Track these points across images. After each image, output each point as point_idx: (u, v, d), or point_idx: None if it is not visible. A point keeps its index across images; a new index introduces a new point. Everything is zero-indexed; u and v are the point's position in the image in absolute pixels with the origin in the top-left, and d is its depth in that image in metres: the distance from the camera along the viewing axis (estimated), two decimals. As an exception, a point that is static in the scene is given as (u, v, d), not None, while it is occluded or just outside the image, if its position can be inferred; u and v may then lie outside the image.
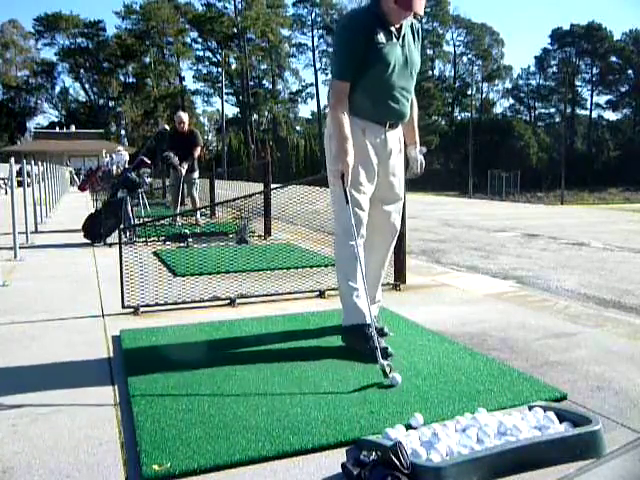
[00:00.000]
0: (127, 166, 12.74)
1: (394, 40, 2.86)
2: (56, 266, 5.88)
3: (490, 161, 51.82)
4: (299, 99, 71.36)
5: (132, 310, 3.79)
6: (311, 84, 70.46)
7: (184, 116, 9.06)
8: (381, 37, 2.82)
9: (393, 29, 2.86)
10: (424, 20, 68.58)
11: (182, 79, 68.22)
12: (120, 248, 3.89)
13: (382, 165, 2.99)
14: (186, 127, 8.93)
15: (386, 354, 2.69)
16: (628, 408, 2.22)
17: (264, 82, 69.18)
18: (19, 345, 3.16)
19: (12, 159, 7.20)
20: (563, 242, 8.22)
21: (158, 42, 64.04)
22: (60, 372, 2.71)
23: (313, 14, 68.33)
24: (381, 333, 3.03)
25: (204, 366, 2.71)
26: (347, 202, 2.78)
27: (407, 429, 1.98)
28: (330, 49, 58.60)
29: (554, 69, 70.87)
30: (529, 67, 74.16)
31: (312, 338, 3.13)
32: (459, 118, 70.63)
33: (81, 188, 23.41)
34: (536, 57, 71.53)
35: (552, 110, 71.55)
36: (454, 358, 2.77)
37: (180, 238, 7.34)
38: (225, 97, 58.55)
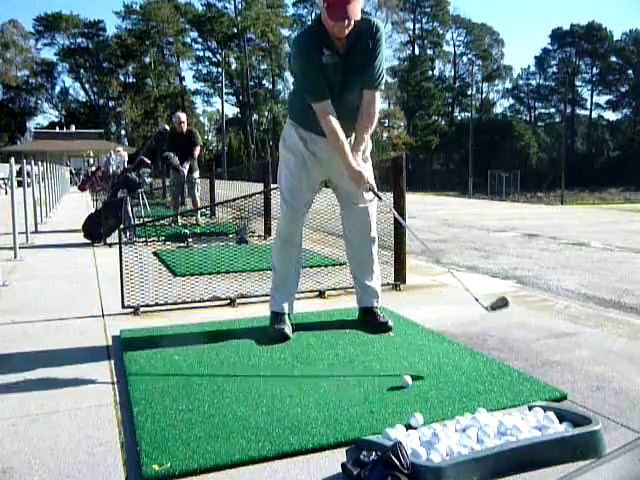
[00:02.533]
0: (126, 166, 12.74)
1: (336, 57, 2.87)
2: (56, 266, 5.88)
3: (490, 161, 51.87)
4: (299, 99, 71.21)
5: (132, 310, 3.79)
6: (311, 84, 70.35)
7: (183, 116, 9.06)
8: (325, 56, 2.85)
9: (338, 44, 2.86)
10: (424, 20, 68.76)
11: (182, 79, 68.34)
12: (120, 248, 3.89)
13: (332, 173, 3.15)
14: (185, 127, 8.94)
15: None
16: (628, 408, 2.22)
17: (264, 82, 69.24)
18: (19, 345, 3.16)
19: (12, 159, 7.21)
20: (563, 242, 8.21)
21: (158, 42, 64.02)
22: (60, 372, 2.71)
23: (313, 14, 68.26)
24: (385, 327, 3.20)
25: (204, 366, 2.71)
26: (379, 198, 3.03)
27: (407, 429, 1.98)
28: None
29: (554, 69, 70.95)
30: (529, 67, 74.32)
31: (312, 338, 3.12)
32: (459, 118, 70.70)
33: (81, 188, 23.41)
34: (536, 57, 71.69)
35: (552, 110, 71.67)
36: (454, 358, 2.77)
37: (180, 238, 7.34)
38: (225, 97, 58.62)
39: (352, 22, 2.77)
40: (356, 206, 3.21)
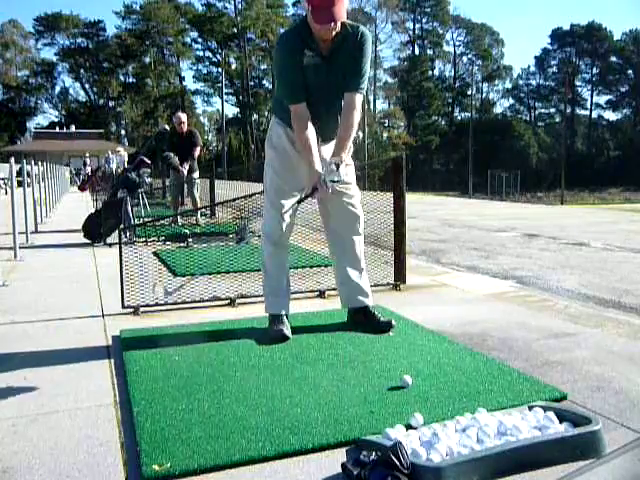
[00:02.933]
0: (126, 166, 12.76)
1: (319, 59, 2.87)
2: (56, 266, 5.88)
3: (490, 161, 51.83)
4: (299, 99, 71.13)
5: (132, 310, 3.79)
6: (311, 84, 70.27)
7: (183, 116, 9.06)
8: (307, 57, 2.85)
9: (323, 45, 2.86)
10: (424, 20, 68.78)
11: (182, 79, 68.37)
12: (120, 248, 3.89)
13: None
14: (185, 127, 8.94)
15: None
16: (628, 408, 2.22)
17: (264, 82, 69.22)
18: (19, 345, 3.16)
19: (12, 159, 7.21)
20: (563, 242, 8.22)
21: (158, 42, 64.05)
22: (60, 372, 2.71)
23: (313, 14, 68.19)
24: (388, 325, 3.18)
25: (204, 366, 2.71)
26: (299, 202, 3.05)
27: (407, 429, 1.98)
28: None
29: (554, 69, 70.94)
30: (529, 67, 74.37)
31: (312, 338, 3.12)
32: (459, 118, 70.70)
33: (81, 188, 23.44)
34: (536, 57, 71.72)
35: (552, 110, 71.67)
36: (454, 358, 2.77)
37: (180, 238, 7.34)
38: (225, 97, 58.66)
39: (338, 24, 2.77)
40: (344, 207, 3.18)
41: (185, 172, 8.78)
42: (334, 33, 2.81)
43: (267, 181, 3.18)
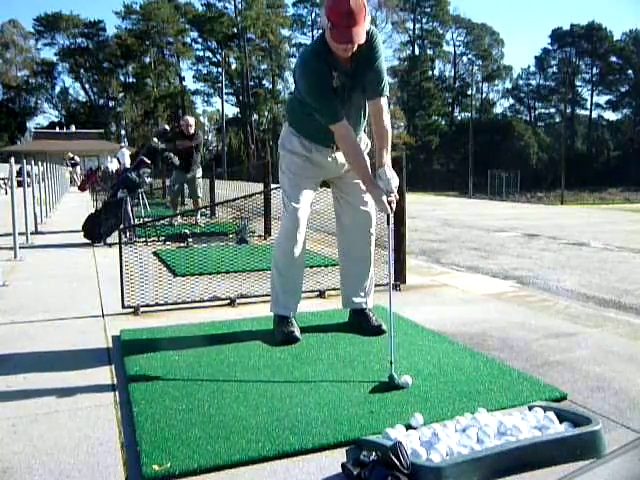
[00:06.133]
0: (126, 163, 12.76)
1: (344, 78, 2.87)
2: (56, 266, 5.88)
3: (490, 161, 51.81)
4: (299, 99, 71.05)
5: (132, 310, 3.79)
6: (311, 84, 70.21)
7: (191, 120, 9.21)
8: (335, 79, 2.84)
9: (343, 63, 2.85)
10: (424, 20, 68.81)
11: (182, 79, 68.29)
12: (120, 248, 3.89)
13: (333, 174, 3.18)
14: (192, 131, 9.05)
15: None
16: (628, 408, 2.22)
17: (264, 82, 69.17)
18: (19, 345, 3.16)
19: (12, 159, 7.20)
20: (563, 242, 8.21)
21: (158, 42, 63.98)
22: (60, 372, 2.71)
23: (313, 14, 68.25)
24: (378, 330, 3.16)
25: (204, 366, 2.71)
26: (388, 223, 2.80)
27: (407, 429, 1.98)
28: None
29: (554, 69, 70.93)
30: (529, 67, 74.31)
31: (312, 338, 3.12)
32: (459, 118, 70.69)
33: (81, 188, 23.45)
34: (536, 57, 71.66)
35: (552, 110, 71.65)
36: (454, 358, 2.77)
37: (180, 238, 7.35)
38: (225, 97, 58.59)
39: (356, 46, 2.75)
40: (357, 208, 3.19)
41: (195, 174, 8.96)
42: (351, 53, 2.79)
43: (284, 181, 3.15)
